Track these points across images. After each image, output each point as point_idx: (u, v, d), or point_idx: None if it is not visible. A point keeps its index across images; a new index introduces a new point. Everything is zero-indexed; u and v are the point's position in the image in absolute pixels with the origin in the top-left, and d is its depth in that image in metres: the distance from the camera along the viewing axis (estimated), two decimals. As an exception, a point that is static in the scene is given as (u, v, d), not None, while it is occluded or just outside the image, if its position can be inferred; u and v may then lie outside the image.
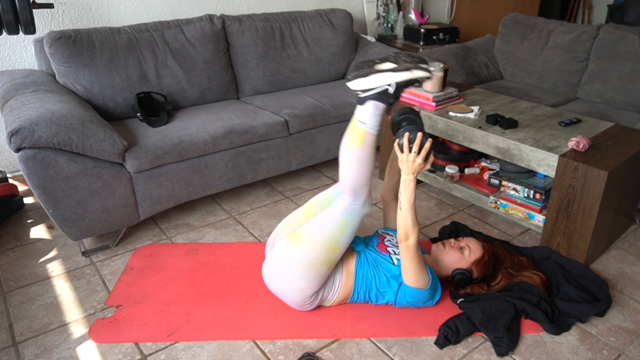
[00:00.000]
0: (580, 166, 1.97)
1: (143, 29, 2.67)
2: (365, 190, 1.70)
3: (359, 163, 1.66)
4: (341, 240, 1.71)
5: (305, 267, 1.69)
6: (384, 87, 1.63)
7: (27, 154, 1.90)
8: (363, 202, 1.71)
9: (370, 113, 1.65)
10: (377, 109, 1.65)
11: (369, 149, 1.66)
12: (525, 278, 1.91)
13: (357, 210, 1.71)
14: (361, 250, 1.85)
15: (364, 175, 1.67)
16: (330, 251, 1.70)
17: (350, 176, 1.67)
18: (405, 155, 1.62)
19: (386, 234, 1.96)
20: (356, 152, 1.65)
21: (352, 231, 1.73)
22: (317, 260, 1.69)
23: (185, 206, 2.60)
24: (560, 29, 3.30)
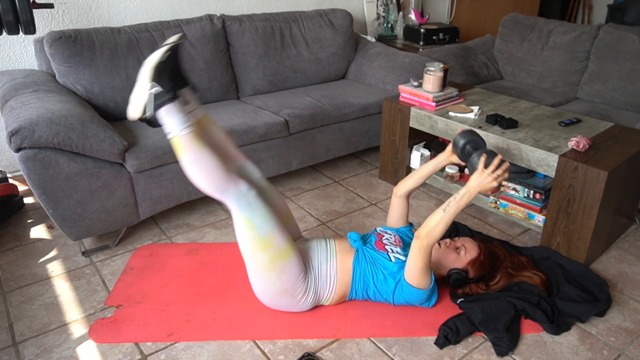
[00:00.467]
0: (580, 166, 1.97)
1: (143, 29, 2.67)
2: (225, 181, 1.62)
3: (196, 166, 1.61)
4: (262, 233, 1.65)
5: (265, 273, 1.70)
6: (148, 94, 1.59)
7: (27, 154, 1.90)
8: (237, 191, 1.64)
9: (168, 121, 1.61)
10: (169, 112, 1.60)
11: (193, 149, 1.60)
12: (525, 278, 1.91)
13: (243, 202, 1.64)
14: (359, 247, 1.85)
15: (210, 172, 1.61)
16: (265, 247, 1.66)
17: (202, 182, 1.63)
18: (481, 172, 1.67)
19: (384, 232, 1.96)
20: (186, 159, 1.61)
21: (261, 218, 1.65)
22: (265, 262, 1.68)
23: (186, 206, 2.60)
24: (560, 29, 3.30)
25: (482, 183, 1.67)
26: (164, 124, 1.61)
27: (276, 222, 1.69)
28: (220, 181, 1.62)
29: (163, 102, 1.59)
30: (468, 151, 1.82)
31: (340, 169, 3.04)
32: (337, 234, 2.37)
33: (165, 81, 1.59)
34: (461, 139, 1.85)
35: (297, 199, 2.69)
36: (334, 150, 2.88)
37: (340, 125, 2.84)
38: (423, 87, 2.57)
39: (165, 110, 1.59)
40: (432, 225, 1.64)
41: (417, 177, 1.99)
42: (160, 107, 1.59)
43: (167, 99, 1.59)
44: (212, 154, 1.62)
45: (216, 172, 1.61)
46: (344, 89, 3.09)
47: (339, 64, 3.33)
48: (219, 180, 1.62)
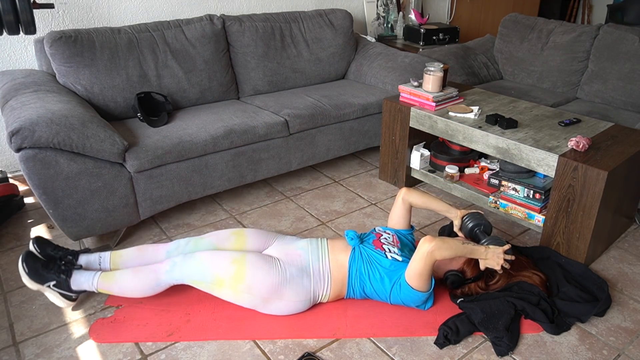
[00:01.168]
0: (580, 166, 1.97)
1: (143, 29, 2.67)
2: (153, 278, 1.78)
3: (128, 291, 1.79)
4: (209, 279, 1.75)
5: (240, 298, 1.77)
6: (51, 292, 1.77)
7: (28, 154, 1.90)
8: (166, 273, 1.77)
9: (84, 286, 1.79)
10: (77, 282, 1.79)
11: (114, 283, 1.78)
12: (525, 278, 1.91)
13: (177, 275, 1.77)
14: (356, 245, 1.85)
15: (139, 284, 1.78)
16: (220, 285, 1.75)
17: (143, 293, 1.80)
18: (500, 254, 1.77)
19: (383, 232, 1.96)
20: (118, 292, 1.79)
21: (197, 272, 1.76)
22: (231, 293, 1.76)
23: (186, 206, 2.60)
24: (560, 29, 3.30)
25: (495, 257, 1.77)
26: (83, 290, 1.80)
27: (212, 260, 1.77)
28: (148, 281, 1.77)
29: (67, 283, 1.78)
30: (477, 233, 1.97)
31: (340, 169, 3.04)
32: (337, 234, 2.37)
33: (47, 275, 1.76)
34: (471, 220, 2.00)
35: (297, 199, 2.69)
36: (333, 150, 2.88)
37: (340, 125, 2.84)
38: (423, 87, 2.57)
39: (73, 283, 1.78)
40: (445, 245, 1.69)
41: (425, 202, 2.04)
42: (69, 287, 1.78)
43: (65, 279, 1.77)
44: (125, 272, 1.80)
45: (139, 279, 1.78)
46: (344, 89, 3.09)
47: (339, 64, 3.33)
48: (147, 282, 1.77)
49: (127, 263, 1.90)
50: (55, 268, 1.77)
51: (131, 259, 1.91)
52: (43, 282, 1.75)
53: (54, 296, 1.77)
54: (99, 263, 1.89)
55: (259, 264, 1.76)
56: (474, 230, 1.98)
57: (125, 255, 1.92)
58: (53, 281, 1.76)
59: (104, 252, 1.93)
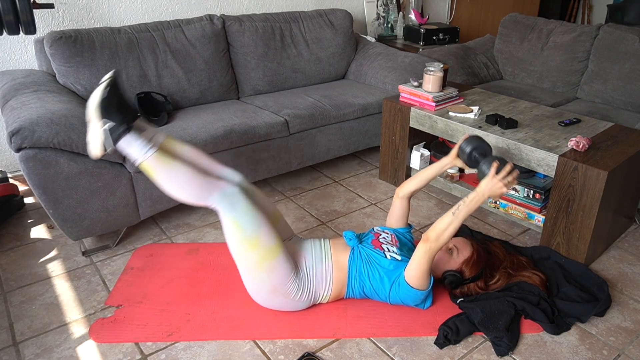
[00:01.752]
0: (580, 166, 1.97)
1: (143, 29, 2.67)
2: (205, 188, 1.67)
3: (171, 182, 1.67)
4: (249, 232, 1.67)
5: (255, 274, 1.71)
6: (102, 130, 1.64)
7: (28, 154, 1.90)
8: (221, 193, 1.68)
9: (130, 151, 1.67)
10: (128, 142, 1.66)
11: (163, 167, 1.66)
12: (525, 278, 1.91)
13: (227, 204, 1.68)
14: (355, 245, 1.85)
15: (187, 183, 1.66)
16: (253, 247, 1.68)
17: (182, 194, 1.68)
18: (492, 177, 1.67)
19: (382, 232, 1.96)
20: (160, 179, 1.67)
21: (246, 217, 1.68)
22: (254, 262, 1.69)
23: (186, 206, 2.60)
24: (560, 29, 3.30)
25: (493, 188, 1.68)
26: (128, 154, 1.68)
27: (262, 220, 1.70)
28: (200, 189, 1.67)
29: (119, 135, 1.65)
30: (475, 158, 1.84)
31: (340, 169, 3.04)
32: (337, 234, 2.37)
33: (114, 115, 1.65)
34: (467, 145, 1.86)
35: (297, 199, 2.69)
36: (333, 150, 2.88)
37: (340, 125, 2.84)
38: (423, 87, 2.57)
39: (124, 141, 1.65)
40: (441, 228, 1.65)
41: (420, 179, 1.99)
42: (118, 139, 1.65)
43: (122, 131, 1.65)
44: (183, 165, 1.68)
45: (193, 181, 1.66)
46: (344, 89, 3.09)
47: (339, 64, 3.33)
48: (198, 188, 1.67)
49: (179, 152, 1.81)
50: (124, 116, 1.65)
51: (185, 152, 1.82)
52: (103, 117, 1.62)
53: (97, 136, 1.64)
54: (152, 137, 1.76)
55: (289, 258, 1.75)
56: (472, 156, 1.84)
57: (179, 146, 1.83)
58: (113, 123, 1.63)
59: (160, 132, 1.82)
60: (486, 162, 1.73)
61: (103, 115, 1.63)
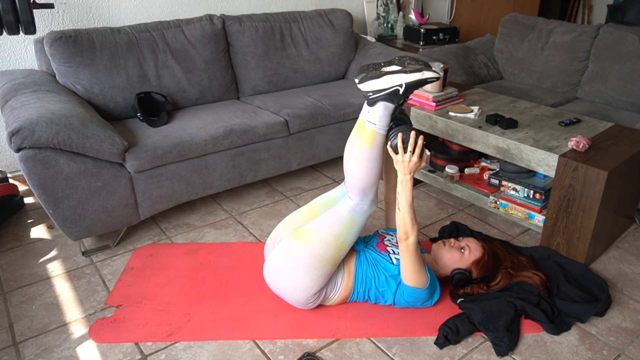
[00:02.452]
0: (580, 166, 1.97)
1: (143, 29, 2.67)
2: (373, 189, 1.74)
3: (369, 163, 1.69)
4: (347, 239, 1.73)
5: (312, 265, 1.70)
6: (394, 87, 1.65)
7: (28, 154, 1.90)
8: (370, 202, 1.75)
9: (380, 114, 1.67)
10: (387, 110, 1.68)
11: (378, 149, 1.69)
12: (525, 278, 1.91)
13: (364, 210, 1.74)
14: (361, 249, 1.85)
15: (374, 175, 1.70)
16: (337, 248, 1.71)
17: (359, 177, 1.70)
18: (401, 156, 1.64)
19: (386, 234, 1.96)
20: (366, 153, 1.68)
21: (358, 230, 1.75)
22: (324, 257, 1.70)
23: (185, 206, 2.60)
24: (560, 29, 3.30)
25: (407, 167, 1.64)
26: (376, 112, 1.67)
27: (354, 242, 1.77)
28: (372, 185, 1.72)
29: (392, 100, 1.66)
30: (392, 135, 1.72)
31: (340, 169, 3.04)
32: (337, 234, 2.37)
33: (408, 93, 1.66)
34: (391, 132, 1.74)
35: (297, 199, 2.69)
36: (334, 150, 2.88)
37: (340, 125, 2.84)
38: (423, 87, 2.57)
39: (386, 106, 1.66)
40: (402, 224, 1.66)
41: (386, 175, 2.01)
42: (387, 101, 1.66)
43: (398, 101, 1.66)
44: (382, 161, 1.74)
45: (376, 177, 1.72)
46: (344, 89, 3.09)
47: (339, 64, 3.33)
48: (373, 184, 1.72)
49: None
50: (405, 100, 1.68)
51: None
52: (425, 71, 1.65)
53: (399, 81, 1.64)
54: None
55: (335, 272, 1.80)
56: (389, 135, 1.71)
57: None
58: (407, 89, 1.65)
59: None
60: (393, 136, 1.67)
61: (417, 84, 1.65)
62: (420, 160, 1.64)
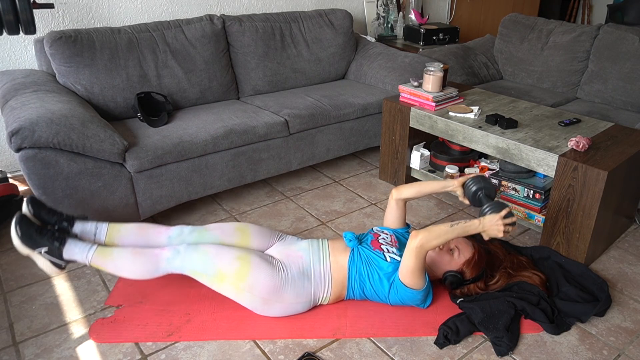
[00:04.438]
0: (580, 166, 1.97)
1: (143, 29, 2.67)
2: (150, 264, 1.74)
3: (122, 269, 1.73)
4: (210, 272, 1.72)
5: (241, 296, 1.74)
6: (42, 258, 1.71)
7: (28, 154, 1.90)
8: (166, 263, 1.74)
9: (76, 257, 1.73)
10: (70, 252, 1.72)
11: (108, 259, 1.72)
12: (525, 278, 1.91)
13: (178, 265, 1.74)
14: (354, 246, 1.85)
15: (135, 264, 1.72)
16: (222, 280, 1.72)
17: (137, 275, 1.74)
18: (498, 220, 1.71)
19: (381, 232, 1.96)
20: (111, 270, 1.73)
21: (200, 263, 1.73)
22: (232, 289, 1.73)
23: (186, 206, 2.60)
24: (560, 29, 3.30)
25: (493, 226, 1.71)
26: (74, 260, 1.73)
27: (216, 253, 1.75)
28: (146, 266, 1.73)
29: (59, 251, 1.71)
30: (479, 197, 1.89)
31: (340, 169, 3.04)
32: (337, 234, 2.37)
33: (40, 240, 1.70)
34: (474, 184, 1.91)
35: (297, 199, 2.69)
36: (334, 150, 2.88)
37: (340, 125, 2.84)
38: (423, 87, 2.57)
39: (67, 253, 1.71)
40: (432, 234, 1.66)
41: (418, 190, 2.00)
42: (61, 255, 1.72)
43: (58, 246, 1.70)
44: (124, 250, 1.75)
45: (137, 261, 1.73)
46: (344, 89, 3.09)
47: (339, 64, 3.33)
48: (144, 266, 1.73)
49: (125, 240, 1.86)
50: (49, 234, 1.71)
51: (129, 236, 1.86)
52: (34, 248, 1.70)
53: (43, 263, 1.71)
54: (95, 234, 1.84)
55: (262, 265, 1.74)
56: (477, 195, 1.89)
57: (124, 231, 1.87)
58: (45, 247, 1.70)
59: (101, 223, 1.87)
60: (491, 205, 1.79)
61: (33, 247, 1.70)
62: (501, 234, 1.71)
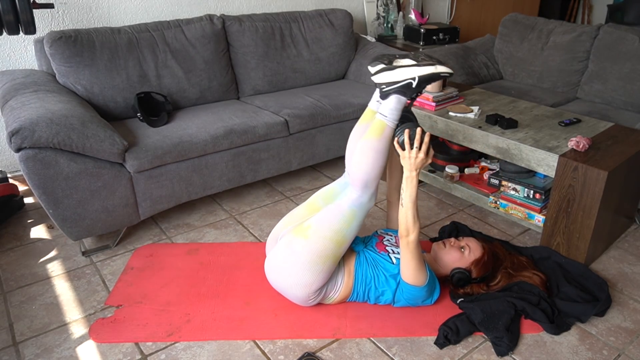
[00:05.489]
0: (580, 166, 1.97)
1: (143, 29, 2.67)
2: (375, 183, 1.73)
3: (374, 154, 1.68)
4: (348, 233, 1.72)
5: (312, 261, 1.70)
6: (408, 80, 1.66)
7: (28, 154, 1.90)
8: (370, 195, 1.74)
9: (392, 107, 1.68)
10: (400, 103, 1.69)
11: (386, 142, 1.69)
12: (525, 278, 1.91)
13: (364, 204, 1.74)
14: (360, 250, 1.85)
15: (377, 168, 1.70)
16: (338, 244, 1.71)
17: (364, 168, 1.69)
18: (407, 152, 1.64)
19: (385, 234, 1.96)
20: (374, 144, 1.68)
21: (358, 224, 1.74)
22: (325, 253, 1.69)
23: (186, 206, 2.60)
24: (560, 29, 3.30)
25: (413, 163, 1.64)
26: (388, 105, 1.69)
27: (354, 237, 1.77)
28: (375, 179, 1.71)
29: (405, 94, 1.67)
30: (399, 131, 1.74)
31: (340, 169, 3.04)
32: (337, 234, 2.37)
33: (421, 87, 1.67)
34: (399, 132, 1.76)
35: (297, 199, 2.69)
36: (334, 150, 2.88)
37: (340, 125, 2.84)
38: (424, 86, 2.57)
39: (398, 99, 1.67)
40: (404, 221, 1.66)
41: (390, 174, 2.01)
42: (400, 94, 1.67)
43: (410, 95, 1.67)
44: (388, 156, 1.73)
45: (379, 170, 1.71)
46: (344, 89, 3.09)
47: (339, 64, 3.33)
48: (375, 177, 1.71)
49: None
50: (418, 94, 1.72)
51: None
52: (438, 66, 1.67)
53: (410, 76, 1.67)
54: None
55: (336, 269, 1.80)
56: (396, 131, 1.72)
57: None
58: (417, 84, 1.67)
59: None
60: (400, 132, 1.68)
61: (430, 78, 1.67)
62: (426, 156, 1.64)
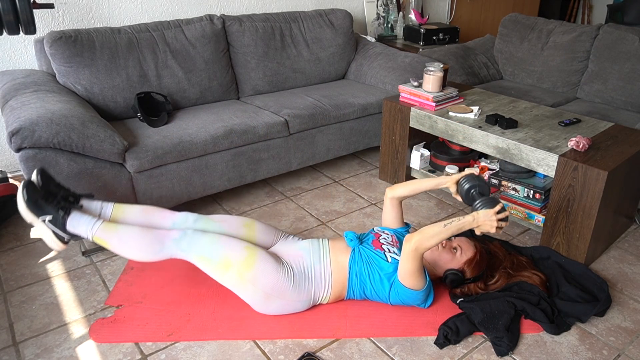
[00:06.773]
0: (580, 166, 1.97)
1: (143, 29, 2.67)
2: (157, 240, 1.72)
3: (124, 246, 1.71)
4: (217, 258, 1.71)
5: (243, 288, 1.73)
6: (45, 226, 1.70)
7: (28, 154, 1.90)
8: (173, 241, 1.73)
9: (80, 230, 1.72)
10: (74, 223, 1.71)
11: (112, 234, 1.72)
12: (525, 278, 1.91)
13: (184, 246, 1.73)
14: (355, 246, 1.85)
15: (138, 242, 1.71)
16: (227, 267, 1.71)
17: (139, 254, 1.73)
18: (492, 215, 1.67)
19: (382, 232, 1.96)
20: (114, 246, 1.72)
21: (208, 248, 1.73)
22: (235, 279, 1.72)
23: (186, 206, 2.60)
24: (560, 29, 3.30)
25: (487, 221, 1.68)
26: (77, 235, 1.71)
27: (225, 240, 1.75)
28: (151, 244, 1.72)
29: (63, 221, 1.69)
30: (472, 195, 1.86)
31: (340, 169, 3.04)
32: (337, 234, 2.37)
33: (46, 208, 1.69)
34: (467, 182, 1.89)
35: (297, 199, 2.69)
36: (333, 150, 2.88)
37: (340, 125, 2.84)
38: (423, 87, 2.57)
39: (71, 224, 1.70)
40: (427, 235, 1.65)
41: (413, 188, 1.98)
42: (65, 226, 1.69)
43: (62, 216, 1.69)
44: (130, 227, 1.73)
45: (143, 240, 1.71)
46: (344, 89, 3.09)
47: (339, 64, 3.33)
48: (149, 244, 1.71)
49: (129, 221, 1.84)
50: (55, 202, 1.69)
51: (134, 218, 1.85)
52: (39, 215, 1.67)
53: (46, 233, 1.69)
54: (100, 212, 1.82)
55: (268, 259, 1.75)
56: (470, 193, 1.86)
57: (129, 212, 1.85)
58: (50, 215, 1.67)
59: (106, 202, 1.86)
60: (483, 201, 1.76)
61: (37, 214, 1.68)
62: (494, 230, 1.68)
